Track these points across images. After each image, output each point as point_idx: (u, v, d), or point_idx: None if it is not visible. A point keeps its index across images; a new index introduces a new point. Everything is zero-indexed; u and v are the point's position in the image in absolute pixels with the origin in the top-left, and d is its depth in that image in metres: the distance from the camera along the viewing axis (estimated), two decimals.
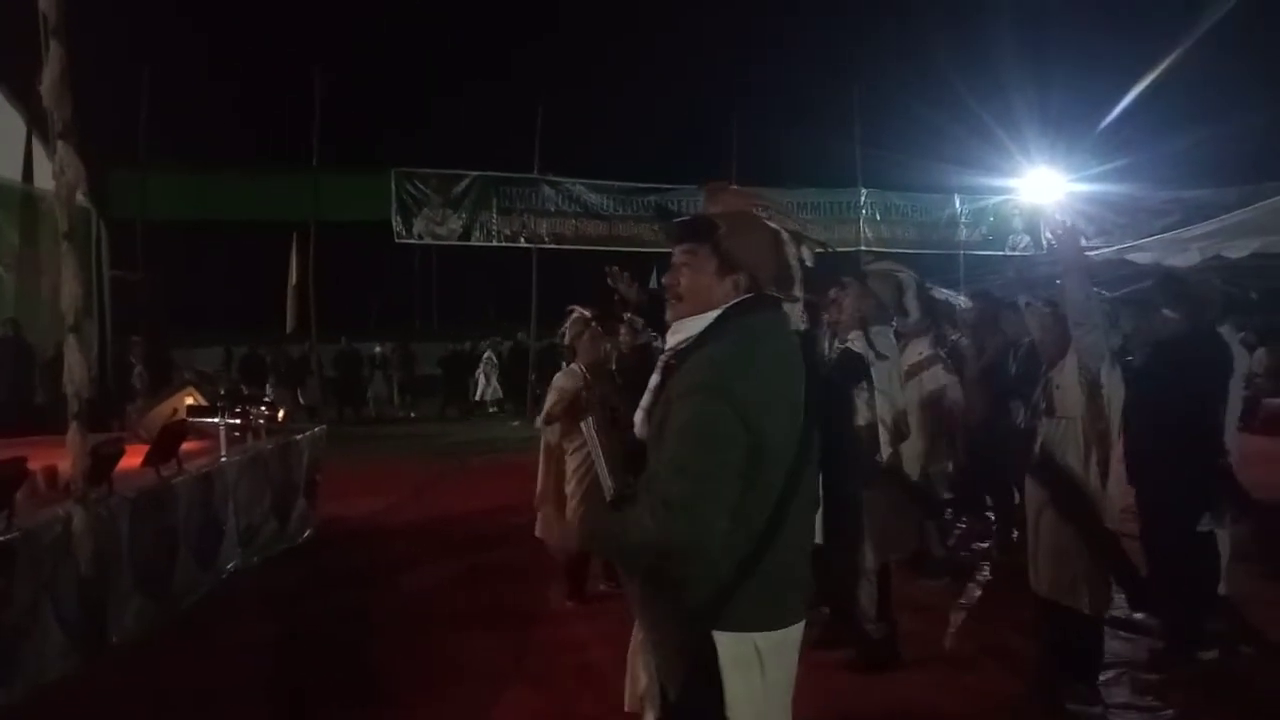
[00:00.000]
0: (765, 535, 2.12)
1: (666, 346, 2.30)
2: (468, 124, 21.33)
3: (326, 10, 21.70)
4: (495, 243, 18.19)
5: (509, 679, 4.88)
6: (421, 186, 17.62)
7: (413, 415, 20.32)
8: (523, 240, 18.28)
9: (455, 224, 17.89)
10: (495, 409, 20.49)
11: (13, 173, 12.86)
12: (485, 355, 20.76)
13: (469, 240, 18.14)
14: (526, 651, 5.32)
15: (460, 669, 5.04)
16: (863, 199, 20.10)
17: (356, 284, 20.53)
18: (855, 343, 4.48)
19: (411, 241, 18.21)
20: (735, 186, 2.40)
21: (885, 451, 4.55)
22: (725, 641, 2.14)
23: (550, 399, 6.03)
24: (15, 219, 12.84)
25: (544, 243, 18.31)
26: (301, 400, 17.88)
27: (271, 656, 5.28)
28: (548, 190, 18.35)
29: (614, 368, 6.24)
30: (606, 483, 3.09)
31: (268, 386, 17.15)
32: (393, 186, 17.40)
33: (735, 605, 2.12)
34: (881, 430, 4.55)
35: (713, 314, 2.21)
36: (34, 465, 4.99)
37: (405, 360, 21.22)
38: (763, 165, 19.78)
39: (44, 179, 13.32)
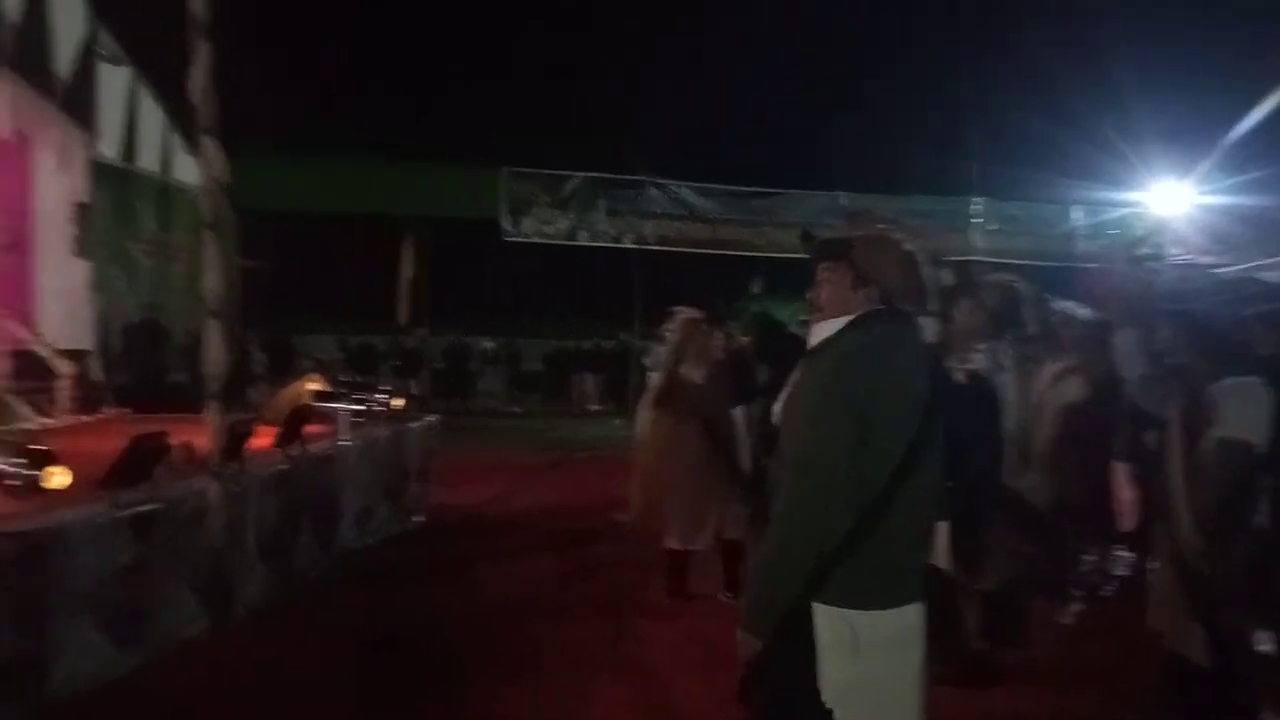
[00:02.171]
0: (869, 517, 2.33)
1: (808, 348, 2.58)
2: (577, 124, 21.60)
3: (451, 10, 22.20)
4: (600, 243, 18.45)
5: (605, 668, 4.96)
6: (531, 186, 18.01)
7: (518, 410, 20.74)
8: (627, 241, 18.48)
9: (562, 224, 18.23)
10: (597, 407, 20.78)
11: (153, 165, 13.68)
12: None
13: (574, 240, 18.44)
14: (625, 642, 5.41)
15: (558, 657, 5.13)
16: (977, 208, 19.62)
17: (466, 279, 21.02)
18: (978, 362, 4.36)
19: (519, 240, 18.61)
20: (872, 210, 2.72)
21: (1013, 473, 4.46)
22: (821, 614, 2.32)
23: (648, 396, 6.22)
24: (153, 209, 13.65)
25: (648, 244, 18.48)
26: (413, 391, 18.45)
27: (378, 635, 5.48)
28: (654, 192, 18.51)
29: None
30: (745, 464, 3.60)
31: (380, 376, 17.75)
32: (503, 185, 17.82)
33: (835, 580, 2.31)
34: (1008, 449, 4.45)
35: (845, 319, 2.48)
36: (171, 440, 5.31)
37: (512, 356, 21.68)
38: (874, 170, 19.49)
39: (180, 172, 14.16)
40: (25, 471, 3.99)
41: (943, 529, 2.67)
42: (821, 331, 2.52)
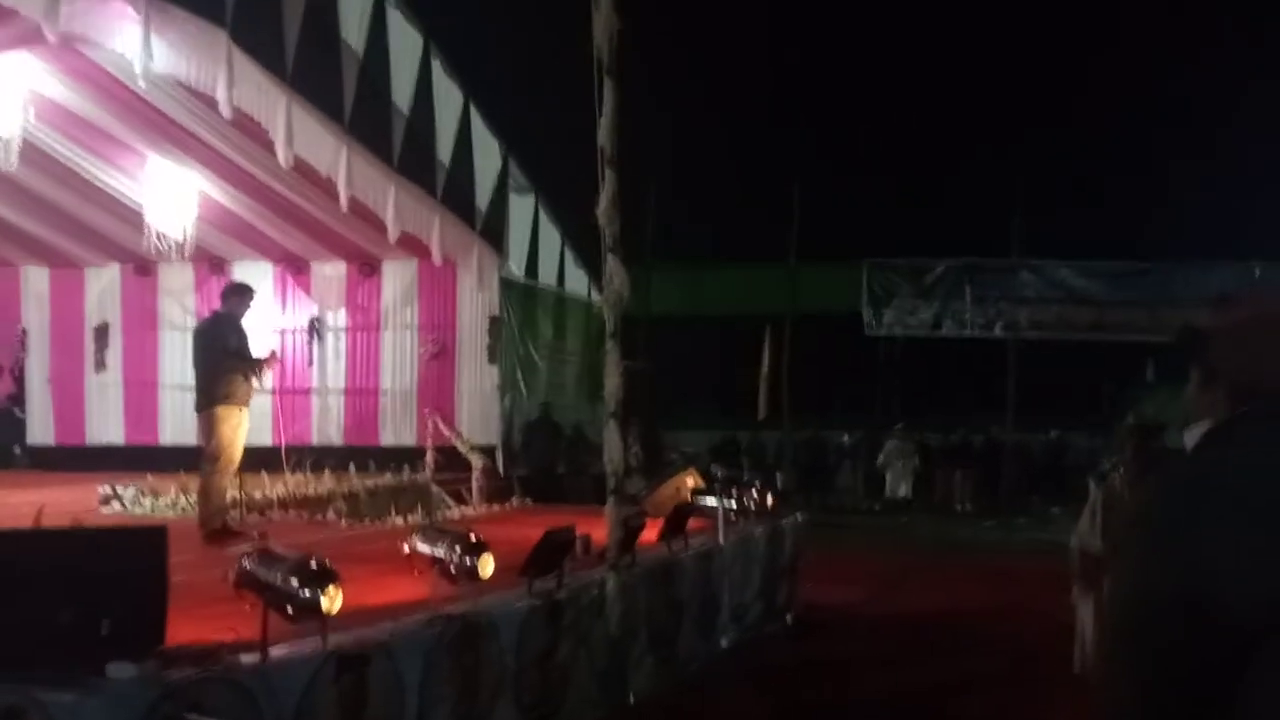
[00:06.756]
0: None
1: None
2: (939, 211, 21.11)
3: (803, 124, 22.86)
4: (968, 332, 17.71)
5: None
6: (893, 277, 17.81)
7: (876, 508, 20.14)
8: (998, 329, 17.56)
9: (926, 314, 17.78)
10: (965, 506, 19.63)
11: (550, 279, 15.37)
12: (888, 445, 20.15)
13: (939, 330, 17.85)
14: None
15: None
16: None
17: (824, 373, 21.06)
18: None
19: (881, 334, 18.39)
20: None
21: None
22: None
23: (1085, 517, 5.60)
24: (550, 317, 15.26)
25: (1022, 331, 17.42)
26: (778, 485, 18.60)
27: None
28: (1026, 275, 17.52)
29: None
30: None
31: (743, 471, 18.14)
32: (864, 278, 17.78)
33: None
34: None
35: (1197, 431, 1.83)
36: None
37: (871, 450, 21.18)
38: None
39: (571, 283, 15.78)
40: (464, 560, 4.51)
41: None
42: (1189, 441, 1.84)
